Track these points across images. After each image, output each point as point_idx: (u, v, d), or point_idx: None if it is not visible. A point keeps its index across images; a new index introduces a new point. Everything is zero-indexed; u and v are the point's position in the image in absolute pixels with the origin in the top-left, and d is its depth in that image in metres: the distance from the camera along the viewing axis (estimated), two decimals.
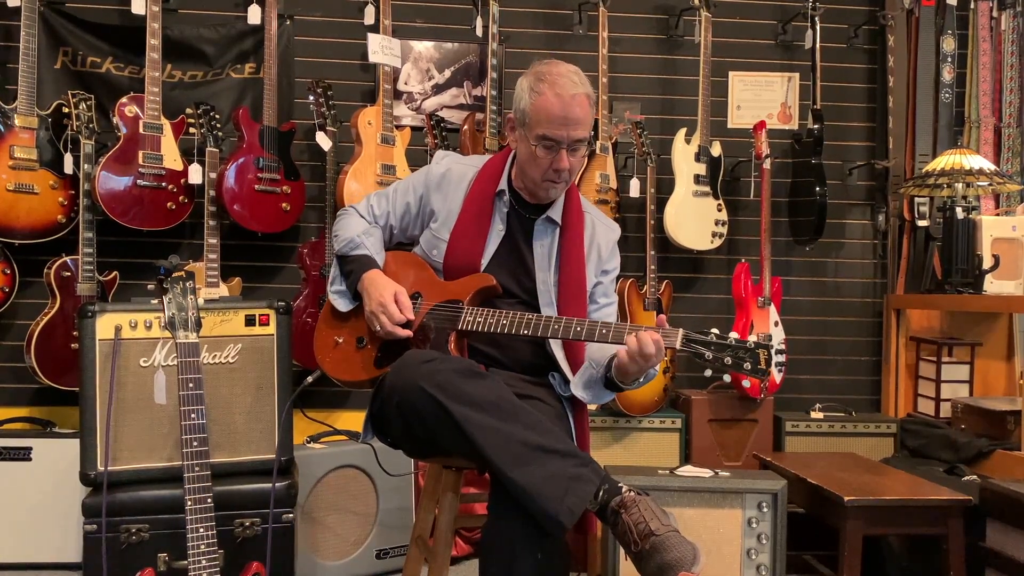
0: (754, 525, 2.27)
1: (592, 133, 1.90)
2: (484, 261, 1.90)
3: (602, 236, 2.00)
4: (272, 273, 3.17)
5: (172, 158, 2.82)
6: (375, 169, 2.90)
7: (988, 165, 2.96)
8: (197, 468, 1.77)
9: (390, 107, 2.97)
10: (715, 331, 1.69)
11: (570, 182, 1.92)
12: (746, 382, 3.01)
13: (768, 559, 2.27)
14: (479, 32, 3.14)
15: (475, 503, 2.45)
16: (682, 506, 2.25)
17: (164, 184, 2.80)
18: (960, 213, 3.03)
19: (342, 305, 1.94)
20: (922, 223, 3.30)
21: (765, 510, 2.27)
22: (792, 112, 3.42)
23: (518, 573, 1.54)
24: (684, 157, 3.13)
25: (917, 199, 3.30)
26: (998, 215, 3.26)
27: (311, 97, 2.97)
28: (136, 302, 2.26)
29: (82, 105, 2.76)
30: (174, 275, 1.84)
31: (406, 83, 3.25)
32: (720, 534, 2.26)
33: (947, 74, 3.34)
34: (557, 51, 3.32)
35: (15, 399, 3.00)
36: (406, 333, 1.83)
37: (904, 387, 3.34)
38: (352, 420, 3.01)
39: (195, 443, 1.77)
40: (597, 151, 3.05)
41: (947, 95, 3.34)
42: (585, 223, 1.97)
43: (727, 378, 1.73)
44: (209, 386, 2.17)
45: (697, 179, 3.13)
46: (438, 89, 3.27)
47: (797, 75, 3.41)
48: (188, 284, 1.84)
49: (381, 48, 2.95)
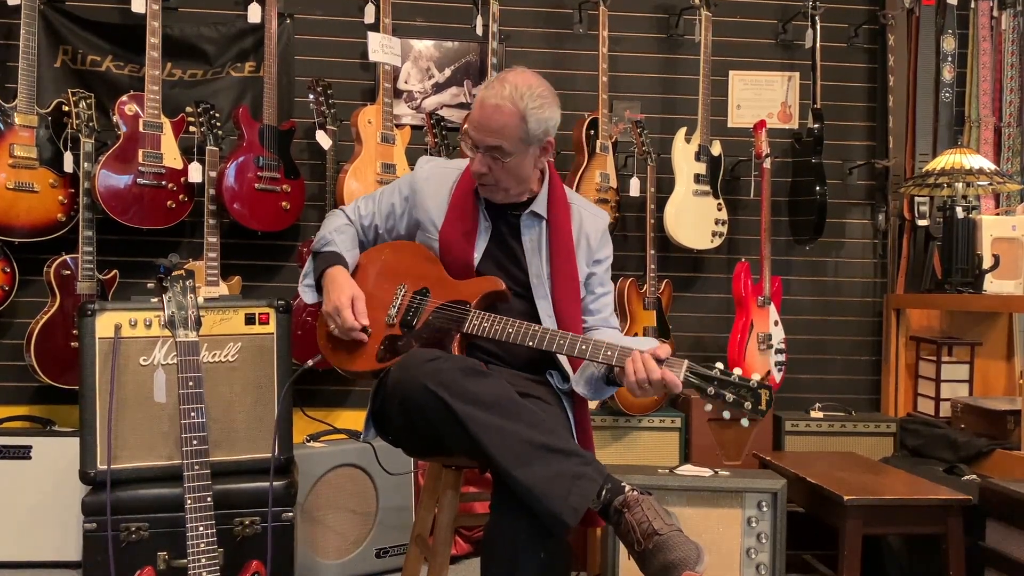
0: (754, 524, 2.27)
1: (518, 148, 1.81)
2: (476, 256, 1.91)
3: (590, 225, 2.01)
4: (272, 272, 3.17)
5: (172, 157, 2.82)
6: (375, 168, 2.90)
7: (988, 165, 2.96)
8: (197, 467, 1.77)
9: (390, 106, 2.97)
10: (719, 366, 1.69)
11: (502, 187, 1.87)
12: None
13: (768, 558, 2.27)
14: (479, 31, 3.14)
15: (475, 502, 2.45)
16: (682, 505, 2.25)
17: (164, 183, 2.80)
18: (960, 213, 3.03)
19: (309, 297, 2.00)
20: (922, 223, 3.30)
21: (765, 509, 2.27)
22: (792, 111, 3.42)
23: (521, 572, 1.54)
24: (684, 156, 3.12)
25: (917, 198, 3.30)
26: (998, 215, 3.26)
27: (311, 96, 2.97)
28: (136, 301, 2.26)
29: (82, 103, 2.76)
30: (174, 274, 1.84)
31: (406, 82, 3.24)
32: (720, 533, 2.26)
33: (947, 73, 3.34)
34: (557, 50, 3.32)
35: (15, 398, 3.00)
36: (361, 336, 1.87)
37: (904, 387, 3.34)
38: (352, 419, 3.01)
39: (195, 442, 1.77)
40: (597, 150, 3.05)
41: (947, 94, 3.34)
42: (572, 213, 1.99)
43: (727, 414, 1.72)
44: (209, 385, 2.17)
45: (697, 178, 3.13)
46: (438, 88, 3.27)
47: (797, 74, 3.41)
48: (188, 283, 1.84)
49: (381, 47, 2.95)
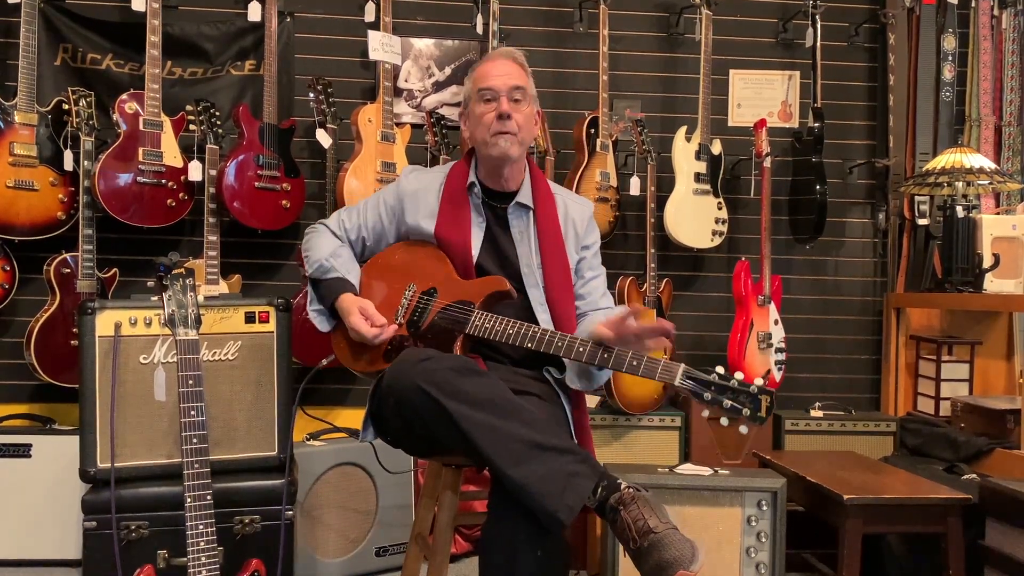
0: (753, 523, 2.27)
1: (532, 91, 1.95)
2: (475, 252, 1.92)
3: (575, 212, 2.04)
4: (272, 270, 3.17)
5: (172, 155, 2.82)
6: (375, 166, 2.90)
7: (988, 164, 2.96)
8: (197, 465, 1.76)
9: (390, 104, 2.96)
10: (719, 370, 1.64)
11: (520, 139, 1.90)
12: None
13: (767, 557, 2.27)
14: (479, 29, 3.14)
15: (475, 501, 2.45)
16: (682, 504, 2.25)
17: (164, 181, 2.80)
18: (960, 212, 3.03)
19: (323, 325, 1.98)
20: (922, 222, 3.30)
21: (764, 508, 2.27)
22: (792, 110, 3.42)
23: (518, 571, 1.54)
24: (684, 155, 3.12)
25: (917, 198, 3.30)
26: (998, 214, 3.26)
27: (311, 94, 2.97)
28: (136, 299, 2.25)
29: (82, 102, 2.76)
30: (174, 272, 1.84)
31: (406, 80, 3.24)
32: (719, 532, 2.26)
33: (948, 72, 3.34)
34: (557, 48, 3.32)
35: (15, 396, 3.00)
36: (391, 331, 1.88)
37: (904, 386, 3.34)
38: (352, 417, 3.01)
39: (195, 440, 1.77)
40: (598, 148, 3.05)
41: (948, 93, 3.34)
42: (557, 203, 2.02)
43: (724, 421, 1.67)
44: (209, 383, 2.17)
45: (697, 177, 3.13)
46: (438, 86, 3.27)
47: (798, 73, 3.41)
48: (188, 281, 1.84)
49: (381, 45, 2.95)
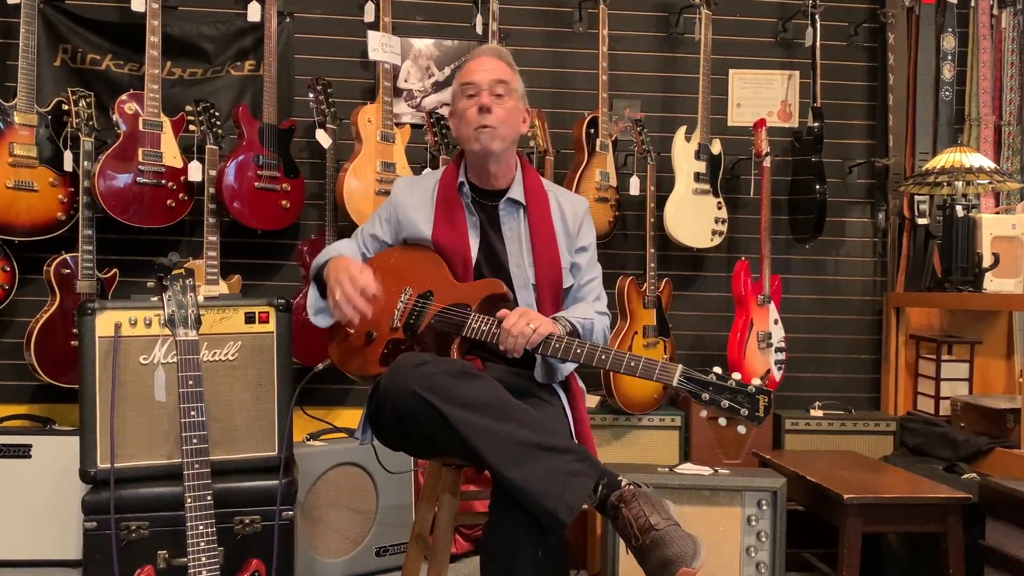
0: (753, 523, 2.27)
1: (518, 87, 1.95)
2: (474, 253, 1.93)
3: (568, 209, 2.03)
4: (272, 271, 3.17)
5: (172, 155, 2.82)
6: (375, 167, 2.90)
7: (988, 163, 2.96)
8: (197, 465, 1.77)
9: (390, 105, 2.96)
10: (716, 370, 1.65)
11: (500, 134, 1.89)
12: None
13: (767, 557, 2.27)
14: (479, 30, 3.14)
15: (475, 500, 2.45)
16: (682, 504, 2.25)
17: (164, 181, 2.80)
18: (960, 211, 3.03)
19: (322, 322, 1.96)
20: (922, 221, 3.30)
21: (765, 508, 2.27)
22: (792, 110, 3.42)
23: (519, 572, 1.54)
24: (684, 155, 3.12)
25: (917, 197, 3.30)
26: (998, 213, 3.26)
27: (311, 95, 2.97)
28: (136, 299, 2.26)
29: (82, 102, 2.76)
30: (174, 272, 1.84)
31: (406, 80, 3.24)
32: (720, 532, 2.26)
33: (947, 72, 3.34)
34: (557, 48, 3.32)
35: (15, 396, 3.00)
36: (366, 306, 1.81)
37: (904, 385, 3.34)
38: (352, 418, 3.01)
39: (195, 440, 1.77)
40: (597, 148, 3.05)
41: (947, 93, 3.34)
42: (550, 200, 2.01)
43: (723, 421, 1.68)
44: (209, 384, 2.17)
45: (697, 177, 3.13)
46: (438, 87, 3.27)
47: (797, 73, 3.41)
48: (188, 281, 1.84)
49: (381, 45, 2.95)
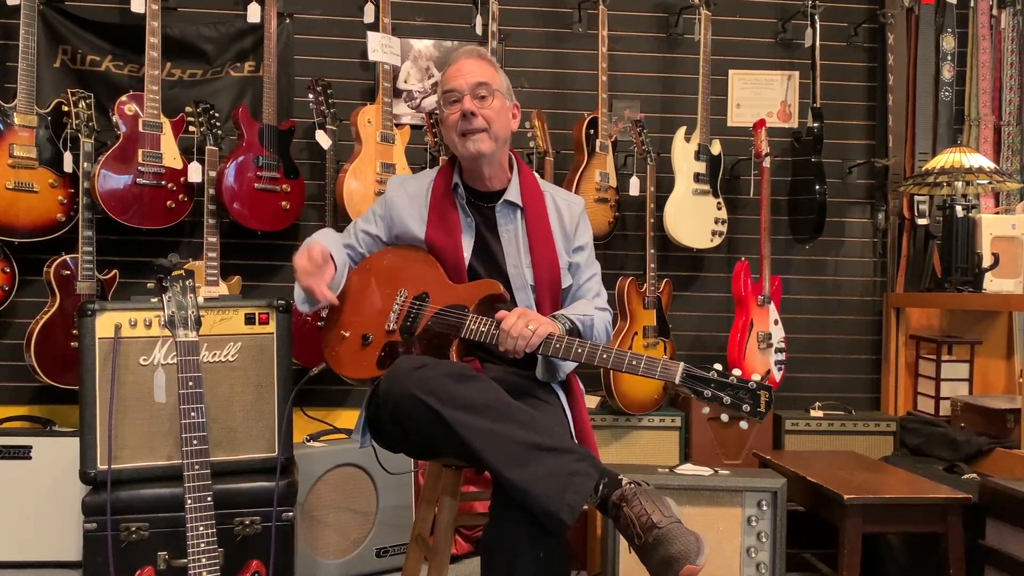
0: (754, 523, 2.27)
1: (501, 85, 1.92)
2: (467, 256, 1.92)
3: (565, 209, 2.02)
4: (272, 271, 3.17)
5: (172, 156, 2.82)
6: (375, 167, 2.90)
7: (988, 163, 2.96)
8: (197, 466, 1.76)
9: (390, 105, 2.97)
10: (717, 367, 1.66)
11: (494, 133, 1.88)
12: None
13: (768, 557, 2.27)
14: (479, 30, 3.14)
15: (475, 501, 2.45)
16: (682, 504, 2.25)
17: (164, 182, 2.80)
18: (960, 211, 3.03)
19: (305, 307, 1.95)
20: (922, 221, 3.30)
21: (765, 508, 2.27)
22: (792, 110, 3.42)
23: (520, 572, 1.54)
24: (684, 155, 3.12)
25: (917, 197, 3.30)
26: (998, 213, 3.26)
27: (311, 95, 2.97)
28: (136, 301, 2.26)
29: (81, 103, 2.76)
30: (174, 273, 1.84)
31: (406, 81, 3.24)
32: (720, 532, 2.26)
33: (947, 72, 3.34)
34: (556, 49, 3.32)
35: (15, 398, 3.00)
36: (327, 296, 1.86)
37: (904, 385, 3.34)
38: (352, 418, 3.00)
39: (195, 441, 1.77)
40: (597, 149, 3.05)
41: (947, 93, 3.34)
42: (546, 200, 2.00)
43: (725, 417, 1.69)
44: (209, 384, 2.17)
45: (697, 177, 3.13)
46: (438, 88, 3.26)
47: (797, 73, 3.41)
48: (188, 282, 1.84)
49: (381, 46, 2.95)
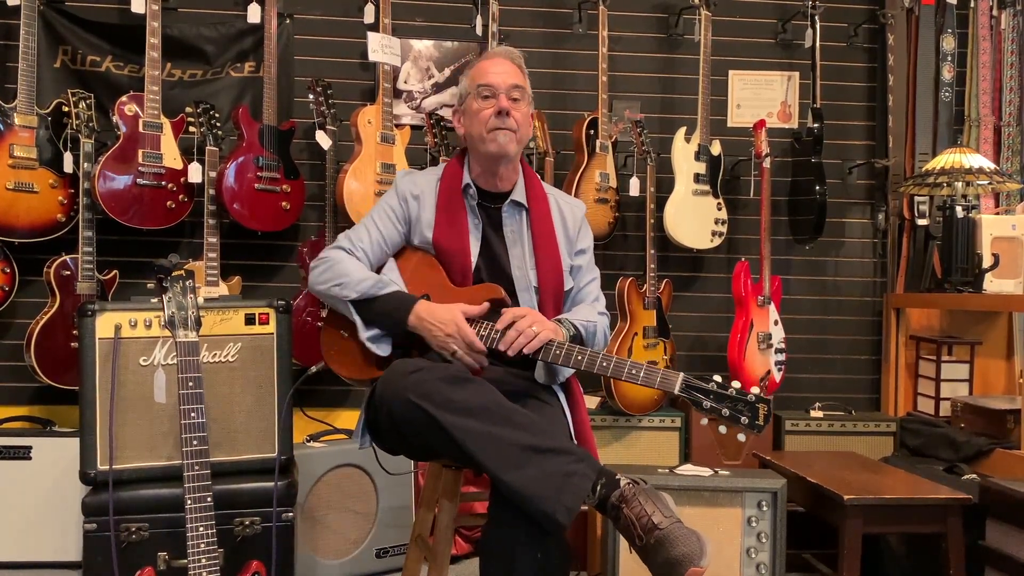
0: (754, 524, 2.27)
1: (529, 92, 1.96)
2: (474, 258, 1.92)
3: (568, 211, 2.04)
4: (272, 272, 3.17)
5: (172, 157, 2.82)
6: (375, 168, 2.90)
7: (988, 164, 2.96)
8: (197, 467, 1.76)
9: (390, 106, 2.97)
10: (717, 379, 1.68)
11: (519, 137, 1.91)
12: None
13: (768, 558, 2.27)
14: (479, 31, 3.14)
15: (475, 502, 2.45)
16: (682, 504, 2.25)
17: (164, 183, 2.80)
18: (960, 212, 3.03)
19: (383, 350, 1.87)
20: (922, 222, 3.30)
21: (765, 509, 2.27)
22: (792, 111, 3.42)
23: (519, 573, 1.54)
24: (684, 156, 3.12)
25: (917, 198, 3.30)
26: (998, 214, 3.26)
27: (311, 96, 2.97)
28: (136, 301, 2.25)
29: (82, 104, 2.76)
30: (174, 274, 1.84)
31: (406, 82, 3.24)
32: (720, 533, 2.26)
33: (947, 73, 3.34)
34: (556, 50, 3.32)
35: (15, 398, 3.00)
36: (481, 350, 1.78)
37: (904, 386, 3.34)
38: (352, 419, 3.00)
39: (195, 442, 1.77)
40: (597, 150, 3.05)
41: (947, 94, 3.34)
42: (550, 202, 2.02)
43: (723, 429, 1.71)
44: (209, 385, 2.17)
45: (697, 178, 3.13)
46: (438, 88, 3.27)
47: (797, 74, 3.41)
48: (188, 283, 1.84)
49: (381, 47, 2.95)
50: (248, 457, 2.27)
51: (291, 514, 2.25)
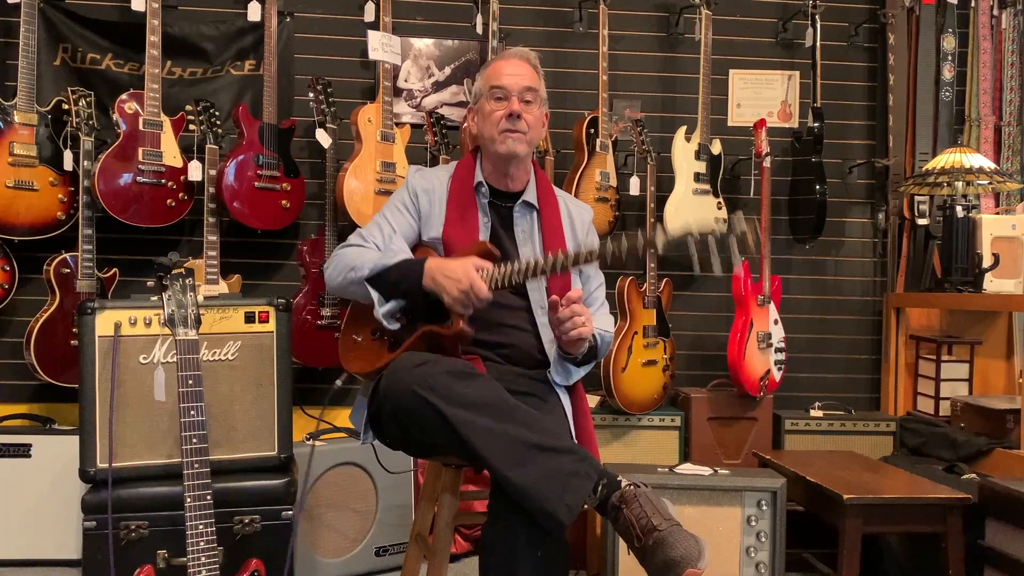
0: (753, 523, 2.27)
1: (543, 94, 1.97)
2: None
3: (576, 215, 2.07)
4: (272, 270, 3.17)
5: (172, 155, 2.81)
6: (375, 166, 2.90)
7: (988, 164, 2.96)
8: (196, 465, 1.76)
9: (390, 104, 2.96)
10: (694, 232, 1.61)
11: (529, 139, 1.92)
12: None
13: (767, 557, 2.27)
14: (479, 30, 3.14)
15: (474, 500, 2.45)
16: (681, 504, 2.25)
17: (164, 181, 2.80)
18: (960, 212, 3.03)
19: (393, 323, 1.84)
20: (922, 221, 3.30)
21: (764, 508, 2.27)
22: (792, 110, 3.42)
23: (518, 572, 1.54)
24: (684, 155, 3.12)
25: (917, 197, 3.30)
26: (998, 214, 3.26)
27: (311, 94, 2.97)
28: (136, 299, 2.25)
29: (82, 102, 2.76)
30: (173, 272, 1.84)
31: (406, 80, 3.24)
32: (719, 532, 2.26)
33: (947, 72, 3.34)
34: (557, 49, 3.32)
35: (14, 396, 3.00)
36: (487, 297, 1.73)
37: (903, 385, 3.34)
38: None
39: (194, 440, 1.77)
40: (597, 148, 3.05)
41: (947, 93, 3.34)
42: (559, 204, 2.04)
43: (717, 268, 1.61)
44: (209, 383, 2.17)
45: (697, 177, 3.13)
46: (438, 86, 3.27)
47: (797, 73, 3.41)
48: (188, 281, 1.84)
49: (381, 45, 2.94)
50: (247, 455, 2.27)
51: (291, 512, 2.25)
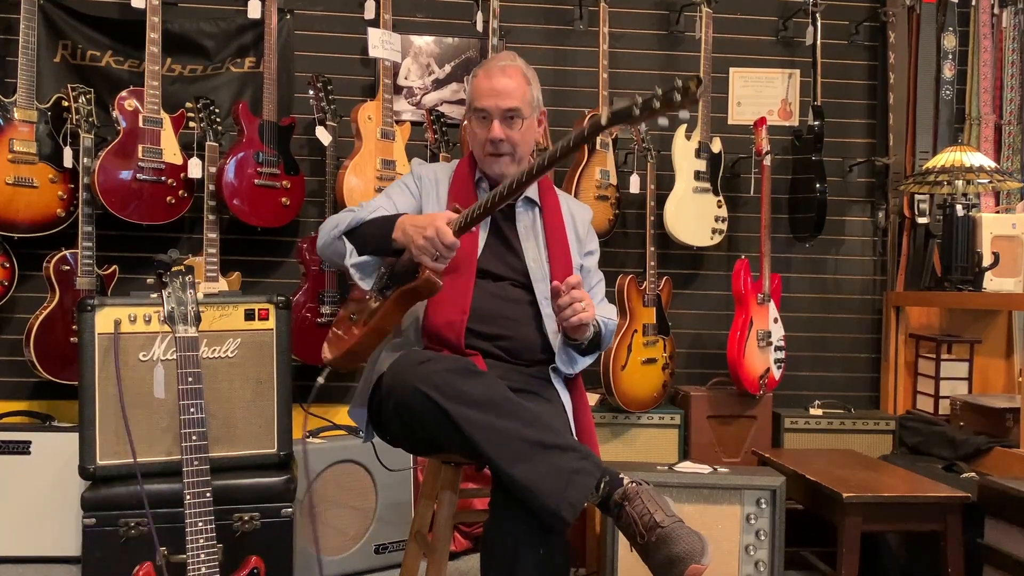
0: (752, 521, 2.27)
1: (531, 101, 1.91)
2: (479, 249, 1.92)
3: (577, 212, 2.09)
4: (272, 268, 3.17)
5: (172, 152, 2.81)
6: (375, 164, 2.90)
7: (988, 162, 2.96)
8: (196, 462, 1.77)
9: (390, 102, 2.96)
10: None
11: (518, 156, 1.92)
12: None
13: (766, 555, 2.27)
14: (479, 27, 3.14)
15: (474, 498, 2.46)
16: (681, 502, 2.25)
17: (164, 178, 2.79)
18: (960, 210, 3.03)
19: (365, 283, 1.85)
20: (922, 220, 3.30)
21: (764, 506, 2.27)
22: (792, 108, 3.42)
23: (520, 569, 1.54)
24: (684, 153, 3.12)
25: (917, 196, 3.30)
26: (998, 212, 3.26)
27: (311, 92, 2.97)
28: (135, 296, 2.26)
29: (81, 99, 2.75)
30: (173, 269, 1.84)
31: (406, 78, 3.24)
32: (718, 530, 2.26)
33: (948, 71, 3.34)
34: (557, 46, 3.32)
35: (14, 393, 3.00)
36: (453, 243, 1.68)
37: (903, 384, 3.34)
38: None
39: (194, 437, 1.77)
40: (597, 147, 3.05)
41: (948, 92, 3.34)
42: (560, 201, 2.05)
43: (664, 120, 1.54)
44: (208, 380, 2.17)
45: (697, 175, 3.13)
46: (438, 84, 3.26)
47: (798, 71, 3.41)
48: (187, 278, 1.84)
49: (381, 43, 2.94)
50: (247, 453, 2.27)
51: (290, 510, 2.25)
